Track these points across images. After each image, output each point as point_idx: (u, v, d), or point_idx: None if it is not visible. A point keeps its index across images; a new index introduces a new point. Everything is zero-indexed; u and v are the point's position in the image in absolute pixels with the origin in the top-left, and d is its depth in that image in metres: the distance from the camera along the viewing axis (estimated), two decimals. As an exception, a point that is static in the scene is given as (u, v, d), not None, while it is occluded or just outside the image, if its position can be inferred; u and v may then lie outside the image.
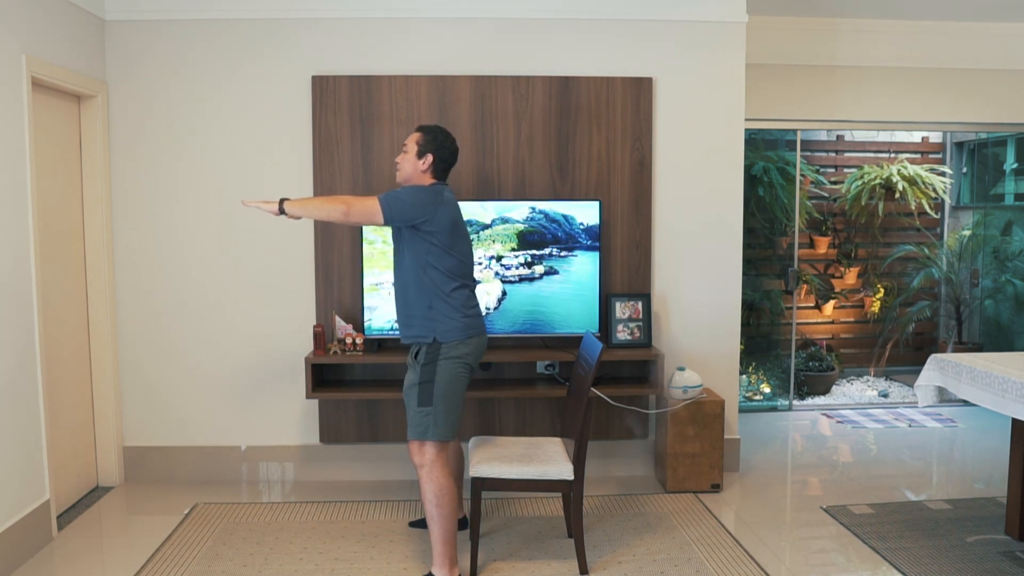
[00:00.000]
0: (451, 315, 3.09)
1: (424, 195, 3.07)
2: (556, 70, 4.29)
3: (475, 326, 3.16)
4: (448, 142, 3.21)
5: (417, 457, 3.10)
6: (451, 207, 3.12)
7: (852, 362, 6.89)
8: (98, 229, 4.15)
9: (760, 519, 3.84)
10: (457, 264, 3.12)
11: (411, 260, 3.10)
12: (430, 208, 3.05)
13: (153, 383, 4.33)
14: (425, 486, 3.07)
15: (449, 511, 3.06)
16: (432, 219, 3.04)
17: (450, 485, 3.09)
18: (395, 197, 3.04)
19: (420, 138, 3.19)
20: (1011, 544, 3.47)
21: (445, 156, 3.20)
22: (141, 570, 3.28)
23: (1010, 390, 3.04)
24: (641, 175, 4.34)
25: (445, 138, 3.21)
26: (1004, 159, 6.50)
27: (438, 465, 3.08)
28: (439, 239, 3.06)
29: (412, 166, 3.18)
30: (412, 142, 3.20)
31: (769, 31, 5.13)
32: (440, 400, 3.07)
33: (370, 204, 3.01)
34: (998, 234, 6.47)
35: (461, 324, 3.11)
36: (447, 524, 3.07)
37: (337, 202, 3.02)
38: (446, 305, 3.09)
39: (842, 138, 6.79)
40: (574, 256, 4.17)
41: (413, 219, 3.04)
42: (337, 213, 3.01)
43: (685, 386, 4.12)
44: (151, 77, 4.21)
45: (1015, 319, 6.35)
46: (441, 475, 3.07)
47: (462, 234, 3.17)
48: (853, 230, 6.82)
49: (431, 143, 3.18)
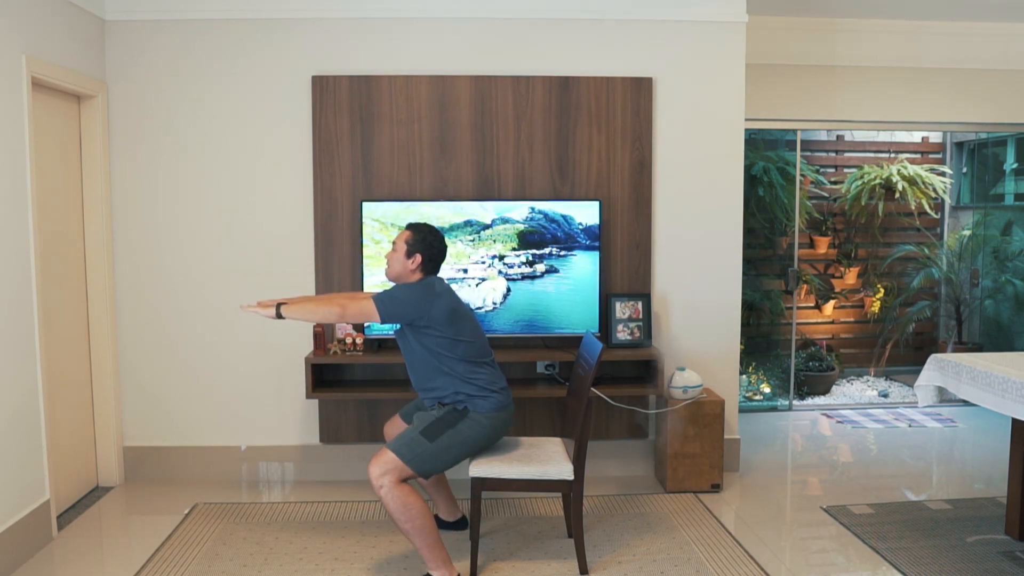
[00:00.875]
0: (479, 394, 3.16)
1: (416, 292, 3.11)
2: (556, 70, 4.29)
3: (504, 403, 3.21)
4: (436, 241, 3.24)
5: (377, 475, 2.96)
6: (445, 297, 3.15)
7: (852, 362, 6.89)
8: (98, 229, 4.15)
9: (760, 519, 3.84)
10: (468, 348, 3.16)
11: (423, 354, 3.16)
12: (424, 305, 3.09)
13: (153, 383, 4.33)
14: (388, 506, 2.96)
15: (421, 521, 2.97)
16: (427, 315, 3.08)
17: (414, 497, 2.97)
18: (389, 297, 3.09)
19: (409, 237, 3.22)
20: (1011, 544, 3.47)
21: (434, 255, 3.23)
22: (141, 570, 3.28)
23: (1010, 390, 3.04)
24: (641, 175, 4.34)
25: (433, 237, 3.23)
26: (1004, 159, 6.50)
27: (396, 486, 2.96)
28: (441, 331, 3.11)
29: (401, 265, 3.22)
30: (401, 241, 3.23)
31: (769, 31, 5.13)
32: (443, 446, 3.07)
33: (365, 305, 3.06)
34: (998, 234, 6.47)
35: (492, 402, 3.17)
36: (425, 533, 2.98)
37: (333, 304, 3.07)
38: (472, 387, 3.15)
39: (842, 138, 6.79)
40: (573, 256, 4.17)
41: (408, 317, 3.10)
42: (332, 316, 3.06)
43: (685, 386, 4.12)
44: (151, 77, 4.21)
45: (1015, 319, 6.35)
46: (401, 492, 2.96)
47: (465, 317, 3.19)
48: (853, 230, 6.82)
49: (420, 243, 3.20)
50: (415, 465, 3.02)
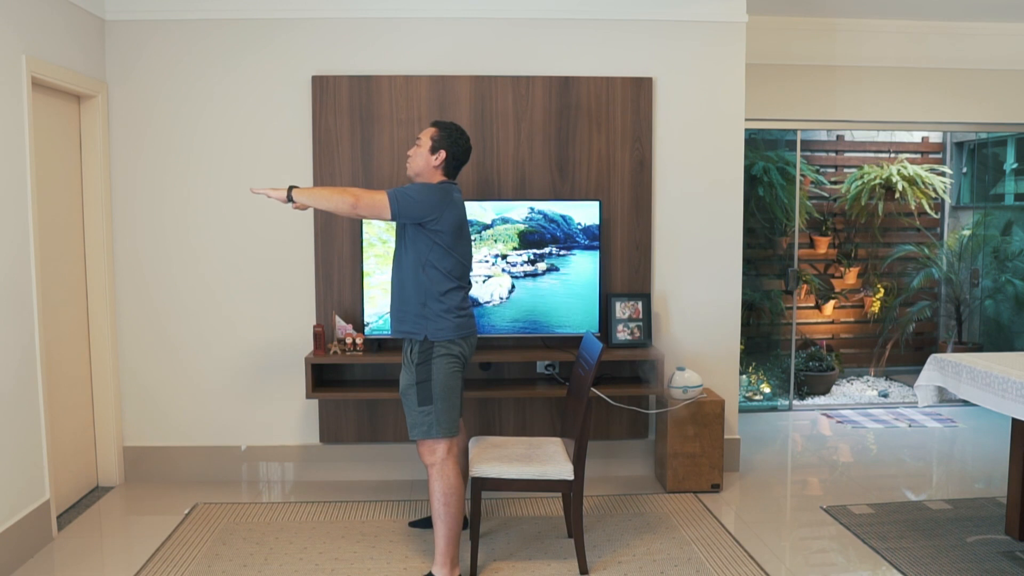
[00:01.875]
0: (444, 315, 3.09)
1: (434, 194, 3.05)
2: (556, 70, 4.29)
3: (467, 326, 3.16)
4: (462, 140, 3.19)
5: (428, 456, 3.09)
6: (458, 208, 3.12)
7: (852, 362, 6.89)
8: (98, 229, 4.15)
9: (760, 519, 3.84)
10: (456, 264, 3.12)
11: (411, 257, 3.10)
12: (438, 207, 3.03)
13: (153, 383, 4.33)
14: (434, 484, 3.07)
15: (456, 510, 3.07)
16: (439, 219, 3.03)
17: (459, 484, 3.09)
18: (404, 193, 3.02)
19: (435, 133, 3.17)
20: (1011, 544, 3.47)
21: (458, 153, 3.18)
22: (141, 570, 3.28)
23: (1010, 390, 3.04)
24: (641, 175, 4.34)
25: (460, 136, 3.19)
26: (1004, 159, 6.50)
27: (449, 463, 3.08)
28: (442, 239, 3.06)
29: (424, 160, 3.16)
30: (426, 136, 3.17)
31: (769, 31, 5.13)
32: (439, 398, 3.07)
33: (379, 198, 2.99)
34: (998, 234, 6.47)
35: (453, 324, 3.10)
36: (453, 523, 3.07)
37: (346, 194, 2.99)
38: (440, 305, 3.09)
39: (842, 138, 6.79)
40: (572, 255, 4.17)
41: (420, 217, 3.02)
42: (345, 205, 2.98)
43: (685, 386, 4.12)
44: (151, 77, 4.21)
45: (1015, 319, 6.35)
46: (452, 473, 3.07)
47: (465, 235, 3.17)
48: (853, 230, 6.82)
49: (445, 139, 3.15)
50: (439, 431, 3.06)
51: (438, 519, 3.07)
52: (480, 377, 4.29)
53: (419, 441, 3.12)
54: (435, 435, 3.07)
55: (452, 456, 3.10)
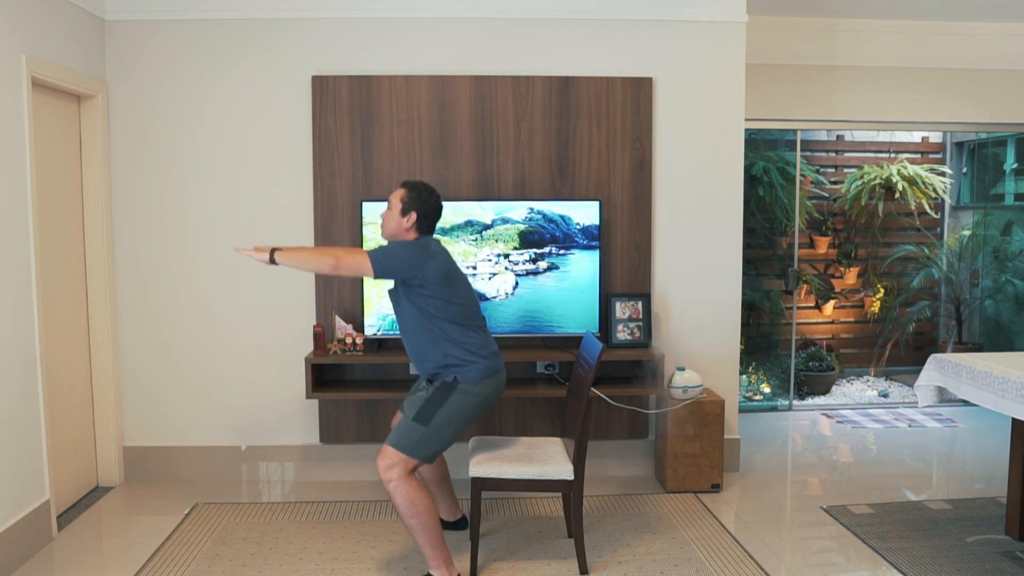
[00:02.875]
0: (469, 359, 3.12)
1: (411, 250, 3.08)
2: (556, 70, 4.29)
3: (494, 367, 3.17)
4: (432, 199, 3.20)
5: (384, 468, 2.99)
6: (440, 258, 3.12)
7: (852, 362, 6.89)
8: (98, 229, 4.15)
9: (760, 519, 3.84)
10: (460, 310, 3.13)
11: (415, 315, 3.13)
12: (419, 263, 3.05)
13: (153, 383, 4.33)
14: (395, 499, 2.98)
15: (427, 518, 2.98)
16: (422, 274, 3.05)
17: (421, 493, 2.99)
18: (385, 252, 3.06)
19: (404, 195, 3.18)
20: (1011, 544, 3.47)
21: (429, 213, 3.20)
22: (141, 570, 3.28)
23: (1010, 390, 3.04)
24: (641, 175, 4.34)
25: (429, 195, 3.20)
26: (1004, 159, 6.50)
27: (405, 479, 2.98)
28: (435, 291, 3.07)
29: (396, 223, 3.19)
30: (396, 199, 3.19)
31: (769, 31, 5.13)
32: (438, 426, 3.05)
33: (360, 259, 3.02)
34: (998, 234, 6.47)
35: (481, 366, 3.13)
36: (429, 529, 2.99)
37: (327, 255, 3.02)
38: (462, 350, 3.12)
39: (842, 138, 6.79)
40: (572, 255, 4.17)
41: (402, 274, 3.06)
42: (326, 266, 3.01)
43: (685, 386, 4.12)
44: (151, 77, 4.21)
45: (1015, 319, 6.35)
46: (409, 487, 2.98)
47: (459, 280, 3.17)
48: (853, 230, 6.82)
49: (415, 201, 3.17)
50: (416, 453, 3.01)
51: (413, 532, 3.01)
52: (480, 377, 4.29)
53: (384, 447, 3.04)
54: (410, 454, 3.01)
55: (412, 476, 3.01)
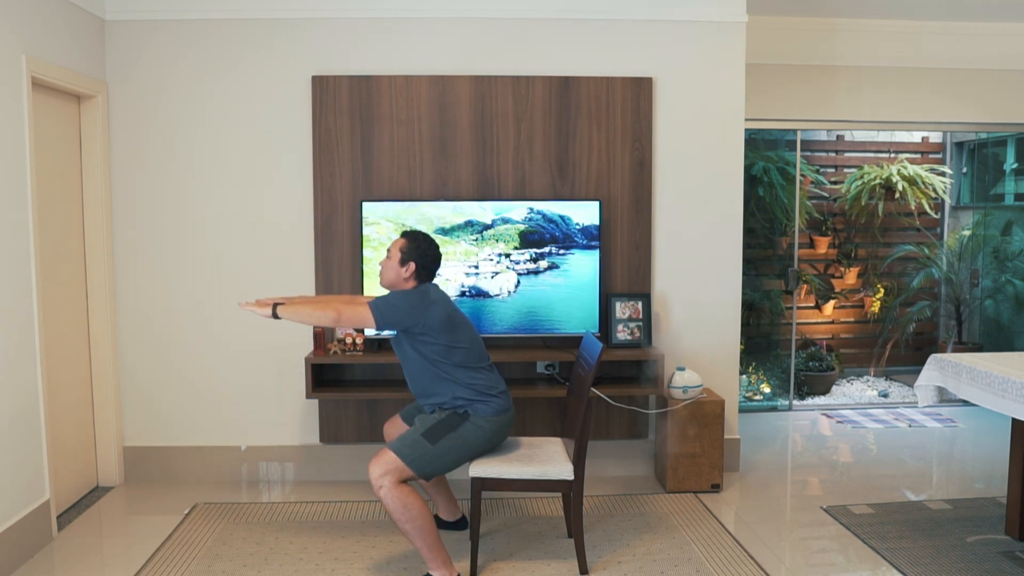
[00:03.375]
0: (479, 399, 3.14)
1: (412, 300, 3.10)
2: (556, 70, 4.29)
3: (504, 406, 3.20)
4: (431, 250, 3.22)
5: (378, 475, 2.95)
6: (440, 305, 3.14)
7: (852, 362, 6.89)
8: (98, 229, 4.15)
9: (760, 519, 3.84)
10: (465, 354, 3.15)
11: (420, 361, 3.15)
12: (420, 311, 3.07)
13: (153, 383, 4.33)
14: (388, 505, 2.96)
15: (421, 521, 2.97)
16: (423, 323, 3.07)
17: (414, 497, 2.97)
18: (386, 303, 3.07)
19: (404, 245, 3.20)
20: (1011, 544, 3.47)
21: (427, 263, 3.21)
22: (141, 570, 3.28)
23: (1010, 390, 3.04)
24: (641, 175, 4.34)
25: (428, 246, 3.22)
26: (1004, 159, 6.50)
27: (395, 487, 2.96)
28: (437, 338, 3.09)
29: (395, 273, 3.21)
30: (396, 248, 3.21)
31: (769, 31, 5.13)
32: (444, 449, 3.06)
33: (361, 311, 3.04)
34: (998, 234, 6.47)
35: (493, 405, 3.16)
36: (425, 533, 2.98)
37: (328, 309, 3.04)
38: (471, 391, 3.14)
39: (842, 138, 6.79)
40: (571, 255, 4.17)
41: (403, 324, 3.08)
42: (328, 320, 3.04)
43: (685, 386, 4.12)
44: (151, 77, 4.21)
45: (1015, 319, 6.35)
46: (401, 492, 2.95)
47: (461, 324, 3.18)
48: (853, 230, 6.82)
49: (414, 251, 3.19)
50: (416, 467, 3.01)
51: (409, 537, 3.00)
52: (480, 377, 4.28)
53: (383, 451, 3.02)
54: (410, 466, 2.99)
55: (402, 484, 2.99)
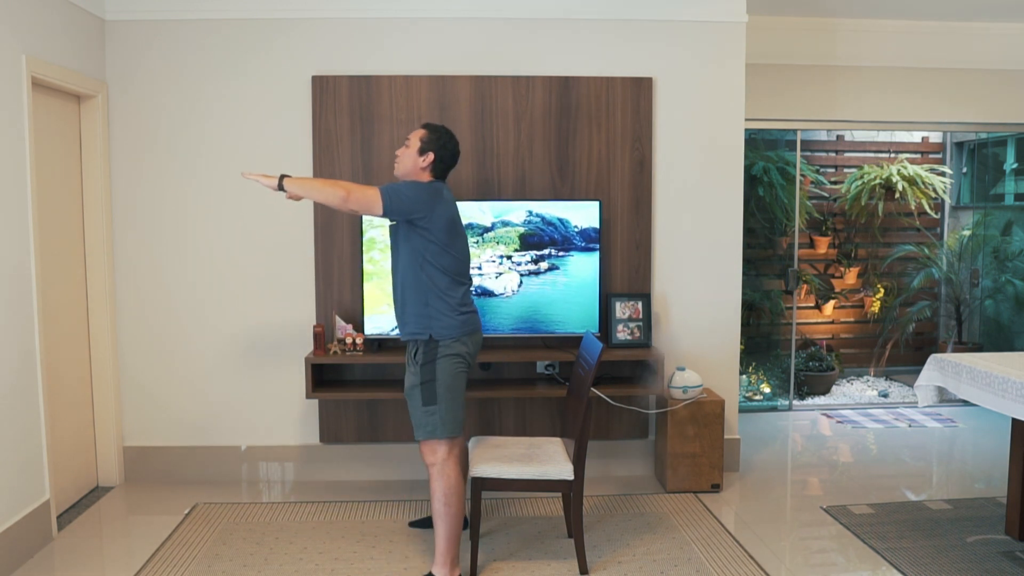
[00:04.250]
0: (447, 313, 3.10)
1: (424, 191, 3.07)
2: (556, 70, 4.29)
3: (471, 323, 3.16)
4: (451, 143, 3.20)
5: (429, 456, 3.10)
6: (449, 205, 3.13)
7: (852, 362, 6.89)
8: (98, 229, 4.15)
9: (760, 519, 3.84)
10: (453, 262, 3.12)
11: (408, 257, 3.11)
12: (428, 204, 3.05)
13: (153, 383, 4.33)
14: (435, 484, 3.08)
15: (457, 510, 3.08)
16: (430, 216, 3.04)
17: (460, 484, 3.10)
18: (396, 189, 3.04)
19: (424, 135, 3.18)
20: (1011, 544, 3.47)
21: (446, 157, 3.19)
22: (141, 570, 3.28)
23: (1010, 390, 3.04)
24: (641, 175, 4.34)
25: (449, 139, 3.20)
26: (1004, 159, 6.50)
27: (450, 463, 3.09)
28: (436, 236, 3.06)
29: (412, 161, 3.17)
30: (416, 138, 3.19)
31: (769, 31, 5.13)
32: (443, 398, 3.08)
33: (371, 193, 3.00)
34: (998, 234, 6.47)
35: (457, 322, 3.11)
36: (454, 523, 3.08)
37: (337, 187, 3.00)
38: (442, 303, 3.09)
39: (842, 138, 6.79)
40: (570, 257, 4.18)
41: (411, 213, 3.04)
42: (336, 198, 2.98)
43: (685, 386, 4.12)
44: (151, 77, 4.21)
45: (1015, 319, 6.35)
46: (453, 472, 3.08)
47: (459, 233, 3.17)
48: (853, 230, 6.82)
49: (434, 142, 3.17)
50: (445, 431, 3.06)
51: (439, 519, 3.08)
52: (480, 377, 4.29)
53: (422, 441, 3.12)
54: (439, 435, 3.08)
55: (453, 457, 3.11)
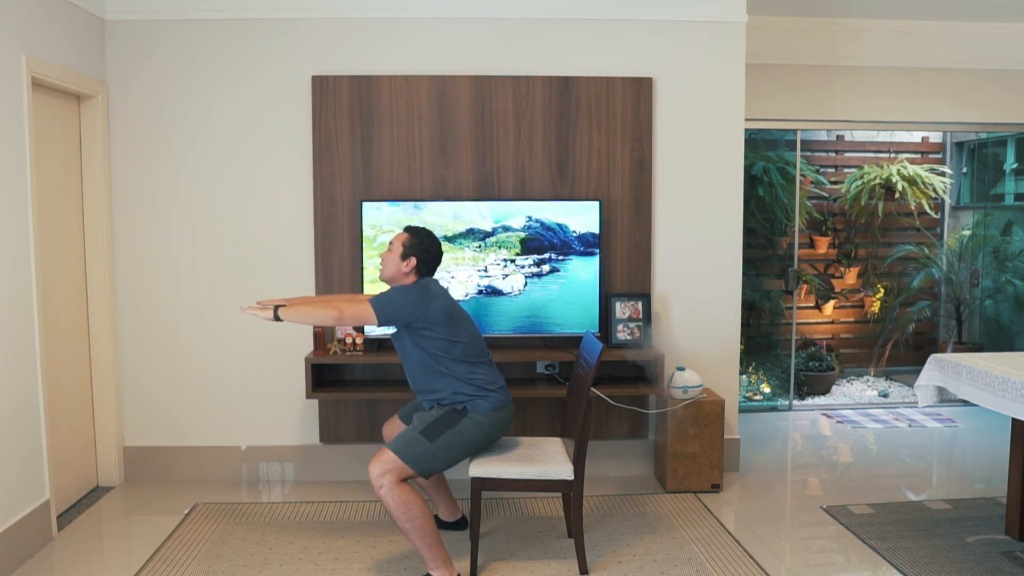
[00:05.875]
0: (478, 394, 3.15)
1: (413, 294, 3.11)
2: (556, 70, 4.29)
3: (503, 401, 3.21)
4: (433, 246, 3.24)
5: (378, 474, 2.97)
6: (441, 299, 3.15)
7: (852, 362, 6.89)
8: (98, 229, 4.15)
9: (760, 519, 3.84)
10: (465, 348, 3.15)
11: (419, 354, 3.16)
12: (421, 306, 3.08)
13: (153, 383, 4.33)
14: (388, 504, 2.96)
15: (421, 520, 2.97)
16: (425, 317, 3.08)
17: (414, 496, 2.98)
18: (387, 299, 3.08)
19: (406, 239, 3.22)
20: (1011, 544, 3.47)
21: (429, 260, 3.23)
22: (141, 570, 3.28)
23: (1010, 390, 3.04)
24: (641, 175, 4.34)
25: (431, 242, 3.23)
26: (1004, 159, 6.50)
27: (396, 486, 2.97)
28: (438, 332, 3.10)
29: (396, 267, 3.22)
30: (398, 242, 3.23)
31: (769, 31, 5.13)
32: (443, 446, 3.07)
33: (363, 308, 3.05)
34: (998, 234, 6.47)
35: (491, 401, 3.17)
36: (425, 533, 2.98)
37: (330, 308, 3.05)
38: (471, 387, 3.15)
39: (842, 138, 6.79)
40: (570, 260, 4.18)
41: (405, 319, 3.09)
42: (330, 319, 3.04)
43: (685, 386, 4.12)
44: (151, 77, 4.21)
45: (1015, 319, 6.35)
46: (401, 491, 2.97)
47: (462, 318, 3.19)
48: (853, 230, 6.82)
49: (416, 246, 3.20)
50: (415, 464, 3.02)
51: (409, 536, 3.00)
52: (480, 377, 4.29)
53: (382, 450, 3.03)
54: (409, 464, 3.00)
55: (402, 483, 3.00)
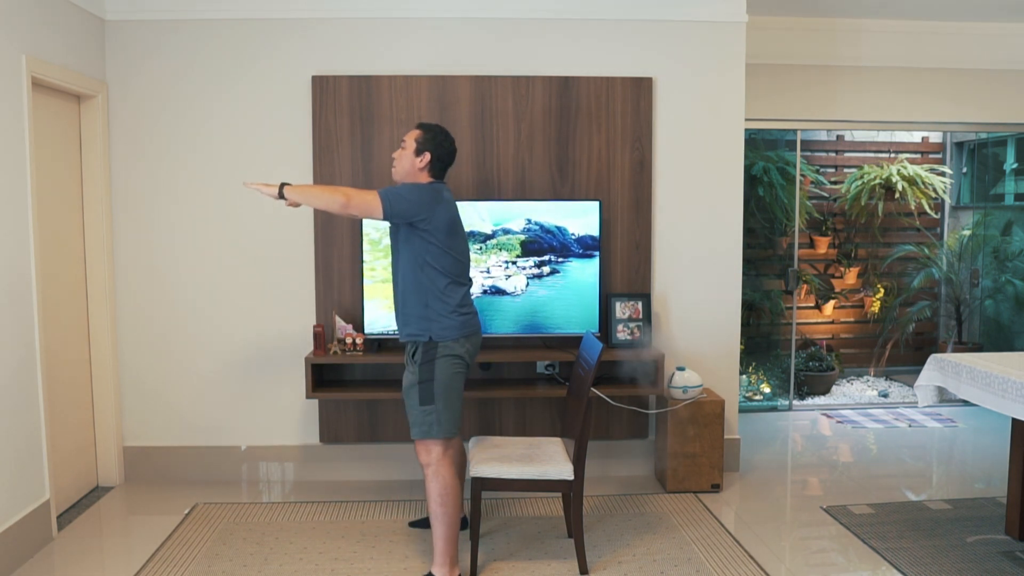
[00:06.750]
0: (447, 314, 3.10)
1: (424, 193, 3.07)
2: (556, 70, 4.29)
3: (470, 324, 3.16)
4: (447, 142, 3.20)
5: (423, 456, 3.11)
6: (449, 206, 3.13)
7: (852, 362, 6.89)
8: (98, 229, 4.15)
9: (760, 519, 3.85)
10: (454, 263, 3.12)
11: (408, 258, 3.11)
12: (429, 206, 3.05)
13: (153, 383, 4.33)
14: (430, 484, 3.08)
15: (453, 510, 3.08)
16: (430, 218, 3.04)
17: (455, 484, 3.10)
18: (396, 193, 3.04)
19: (419, 135, 3.18)
20: (1011, 544, 3.47)
21: (443, 155, 3.19)
22: (141, 570, 3.28)
23: (1010, 390, 3.04)
24: (641, 175, 4.34)
25: (444, 138, 3.20)
26: (1004, 159, 6.50)
27: (444, 463, 3.09)
28: (436, 237, 3.06)
29: (409, 163, 3.17)
30: (411, 139, 3.19)
31: (769, 31, 5.13)
32: (441, 398, 3.08)
33: (370, 198, 3.01)
34: (998, 234, 6.47)
35: (457, 323, 3.11)
36: (450, 523, 3.08)
37: (337, 193, 3.01)
38: (442, 304, 3.10)
39: (842, 138, 6.79)
40: (569, 263, 4.18)
41: (412, 216, 3.04)
42: (336, 204, 3.00)
43: (685, 386, 4.12)
44: (151, 77, 4.21)
45: (1015, 319, 6.35)
46: (447, 473, 3.09)
47: (459, 233, 3.17)
48: (853, 230, 6.82)
49: (430, 141, 3.17)
50: (440, 431, 3.06)
51: (435, 520, 3.09)
52: (480, 377, 4.29)
53: (417, 441, 3.13)
54: (434, 435, 3.08)
55: (448, 457, 3.12)
